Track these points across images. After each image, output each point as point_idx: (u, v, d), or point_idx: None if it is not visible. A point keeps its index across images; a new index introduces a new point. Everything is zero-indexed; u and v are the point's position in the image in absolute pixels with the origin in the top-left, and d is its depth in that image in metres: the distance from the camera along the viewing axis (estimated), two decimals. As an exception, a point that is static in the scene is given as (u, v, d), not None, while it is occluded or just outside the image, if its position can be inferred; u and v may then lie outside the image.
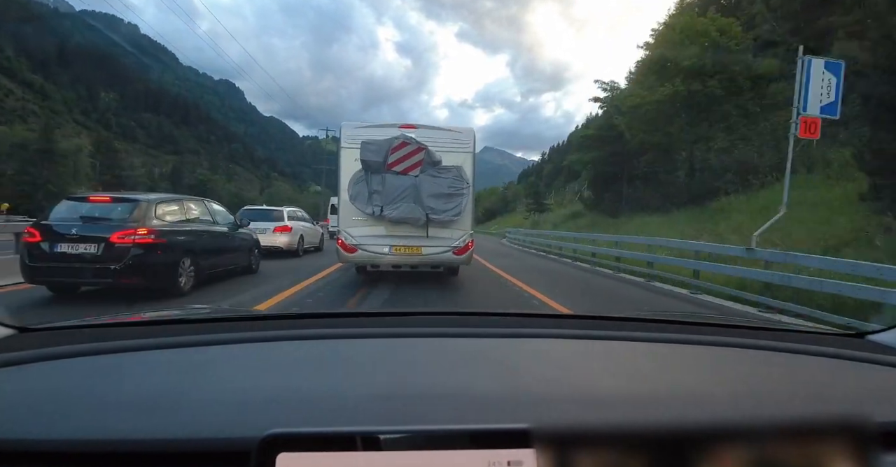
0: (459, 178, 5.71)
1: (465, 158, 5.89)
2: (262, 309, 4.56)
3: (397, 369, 0.69)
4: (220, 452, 0.46)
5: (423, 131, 5.86)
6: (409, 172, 5.62)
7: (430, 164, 5.66)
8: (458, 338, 0.84)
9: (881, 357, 0.76)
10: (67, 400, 0.56)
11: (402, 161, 5.60)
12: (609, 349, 0.81)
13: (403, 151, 5.58)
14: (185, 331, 0.86)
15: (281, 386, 0.61)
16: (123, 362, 0.68)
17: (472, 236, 6.03)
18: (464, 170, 5.76)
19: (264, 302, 5.06)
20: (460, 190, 5.71)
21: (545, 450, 0.37)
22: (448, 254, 5.88)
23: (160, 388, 0.59)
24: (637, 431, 0.39)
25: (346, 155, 5.84)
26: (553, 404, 0.57)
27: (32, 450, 0.47)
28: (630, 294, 7.00)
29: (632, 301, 6.37)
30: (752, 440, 0.37)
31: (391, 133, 5.66)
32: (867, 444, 0.37)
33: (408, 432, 0.43)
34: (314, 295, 5.58)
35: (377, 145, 5.56)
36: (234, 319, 1.02)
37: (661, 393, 0.62)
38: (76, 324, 0.91)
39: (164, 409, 0.53)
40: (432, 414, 0.54)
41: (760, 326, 1.07)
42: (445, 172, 5.70)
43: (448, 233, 5.87)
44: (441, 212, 5.64)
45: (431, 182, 5.64)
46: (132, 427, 0.49)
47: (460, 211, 5.72)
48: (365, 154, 5.54)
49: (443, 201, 5.65)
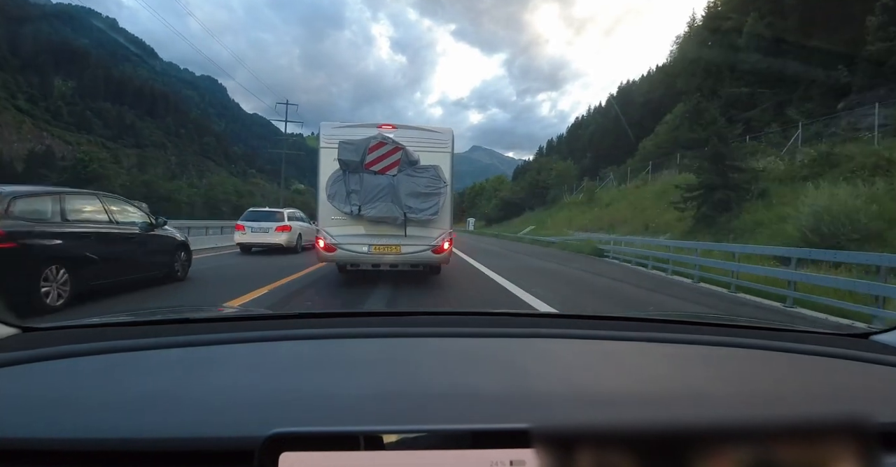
0: (437, 178, 5.81)
1: (443, 158, 6.00)
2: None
3: (399, 369, 0.69)
4: (223, 451, 0.47)
5: (402, 131, 5.95)
6: (386, 172, 5.69)
7: (407, 164, 5.74)
8: (460, 338, 0.84)
9: (884, 357, 0.76)
10: (69, 400, 0.56)
11: (379, 160, 5.66)
12: (610, 349, 0.81)
13: (381, 151, 5.64)
14: (187, 330, 0.86)
15: (283, 385, 0.62)
16: (126, 361, 0.68)
17: (450, 234, 6.15)
18: (441, 169, 5.87)
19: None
20: (437, 189, 5.81)
21: (546, 450, 0.37)
22: (427, 252, 5.97)
23: (162, 387, 0.59)
24: (638, 431, 0.38)
25: (324, 154, 5.87)
26: (554, 404, 0.58)
27: (34, 450, 0.47)
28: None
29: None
30: (753, 440, 0.37)
31: (369, 133, 5.71)
32: (869, 445, 0.37)
33: (410, 432, 0.44)
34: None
35: (355, 145, 5.61)
36: (236, 319, 1.02)
37: (662, 393, 0.62)
38: (78, 323, 0.91)
39: (166, 408, 0.54)
40: (434, 413, 0.55)
41: (763, 326, 1.06)
42: (423, 172, 5.79)
43: (426, 232, 5.97)
44: (419, 211, 5.73)
45: (409, 181, 5.72)
46: (134, 426, 0.49)
47: (438, 210, 5.83)
48: (343, 153, 5.58)
49: (420, 200, 5.75)
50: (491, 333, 0.86)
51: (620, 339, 0.85)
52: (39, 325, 0.81)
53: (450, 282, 6.93)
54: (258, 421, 0.50)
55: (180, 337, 0.78)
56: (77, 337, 0.80)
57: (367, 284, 6.35)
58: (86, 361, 0.67)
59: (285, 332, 0.83)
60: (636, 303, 6.12)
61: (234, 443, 0.47)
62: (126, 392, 0.59)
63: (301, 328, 0.88)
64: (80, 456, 0.47)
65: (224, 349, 0.75)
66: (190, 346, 0.75)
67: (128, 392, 0.59)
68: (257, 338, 0.79)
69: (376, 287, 6.18)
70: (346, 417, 0.53)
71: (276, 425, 0.41)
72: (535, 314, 1.42)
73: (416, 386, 0.62)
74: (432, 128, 6.29)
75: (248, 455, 0.42)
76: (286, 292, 5.69)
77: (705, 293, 7.49)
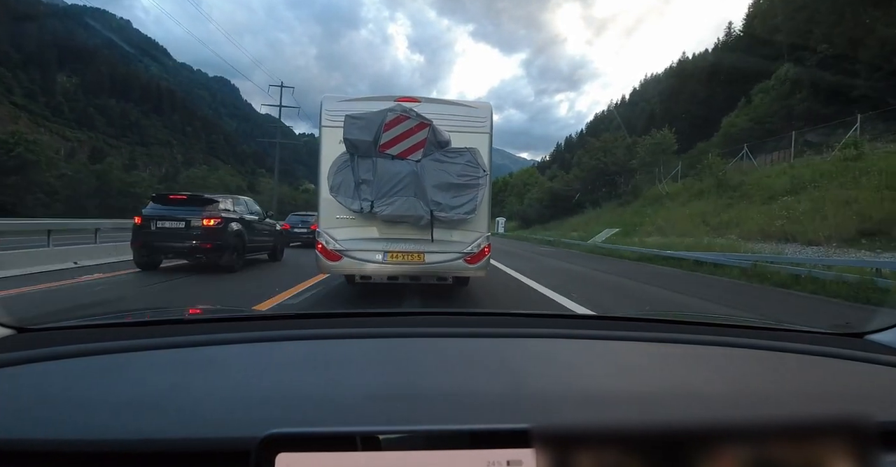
0: (474, 164, 4.34)
1: (480, 140, 4.53)
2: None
3: (397, 369, 0.69)
4: (220, 452, 0.46)
5: (428, 105, 4.49)
6: (408, 156, 4.25)
7: (435, 146, 4.29)
8: (458, 338, 0.84)
9: (881, 357, 0.76)
10: (67, 401, 0.55)
11: (398, 141, 4.21)
12: (609, 349, 0.81)
13: (401, 128, 4.19)
14: (185, 331, 0.85)
15: (281, 385, 0.61)
16: (123, 362, 0.68)
17: (488, 239, 4.69)
18: (479, 153, 4.40)
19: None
20: (475, 179, 4.34)
21: (545, 450, 0.37)
22: (459, 262, 4.52)
23: (160, 388, 0.58)
24: (636, 431, 0.39)
25: (327, 135, 4.44)
26: (552, 404, 0.58)
27: (32, 450, 0.47)
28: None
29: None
30: (752, 439, 0.38)
31: (385, 107, 4.27)
32: (867, 444, 0.37)
33: (407, 432, 0.43)
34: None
35: (366, 120, 4.17)
36: (234, 319, 1.00)
37: (660, 393, 0.62)
38: (76, 324, 0.92)
39: (163, 409, 0.53)
40: (432, 413, 0.55)
41: (760, 326, 1.07)
42: (456, 156, 4.33)
43: (459, 236, 4.51)
44: (450, 209, 4.28)
45: (437, 169, 4.27)
46: (130, 427, 0.49)
47: (475, 206, 4.36)
48: (350, 131, 4.15)
49: (452, 194, 4.29)
50: (490, 333, 0.86)
51: (619, 339, 0.85)
52: (35, 326, 0.80)
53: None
54: (255, 421, 0.50)
55: (176, 337, 0.77)
56: (72, 337, 0.79)
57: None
58: (81, 362, 0.67)
59: (282, 333, 0.83)
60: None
61: (231, 444, 0.47)
62: (122, 392, 0.58)
63: (298, 328, 0.87)
64: (75, 457, 0.47)
65: (221, 349, 0.75)
66: (186, 347, 0.74)
67: (123, 392, 0.58)
68: (254, 338, 0.79)
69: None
70: (343, 418, 0.53)
71: (273, 426, 0.42)
72: (534, 314, 1.29)
73: (414, 386, 0.62)
74: (466, 102, 4.82)
75: (245, 455, 0.42)
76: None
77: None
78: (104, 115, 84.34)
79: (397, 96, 4.55)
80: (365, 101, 4.54)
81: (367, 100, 4.55)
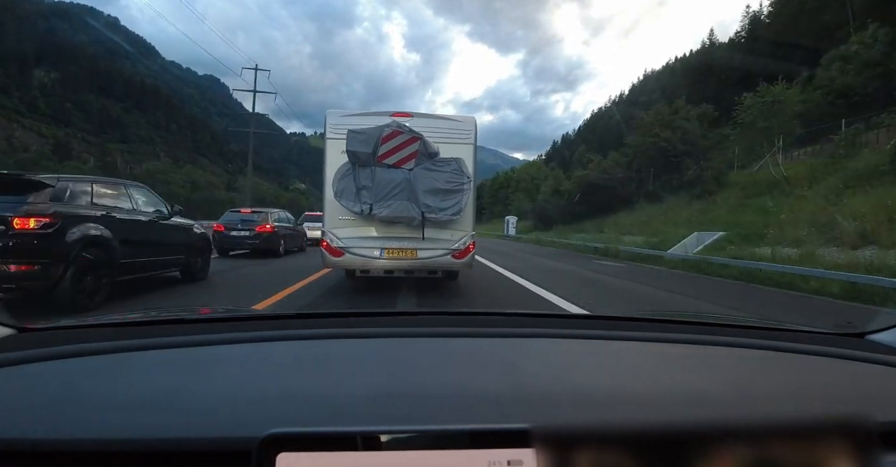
0: (459, 172, 5.08)
1: (465, 150, 5.27)
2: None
3: (397, 369, 0.69)
4: (220, 452, 0.46)
5: (419, 120, 5.21)
6: (402, 165, 4.95)
7: (425, 156, 5.01)
8: (458, 338, 0.84)
9: (881, 357, 0.75)
10: (67, 400, 0.55)
11: (393, 152, 4.91)
12: (609, 349, 0.81)
13: (396, 141, 4.90)
14: (185, 330, 0.85)
15: (281, 385, 0.61)
16: (123, 362, 0.67)
17: (472, 238, 5.44)
18: (464, 162, 5.14)
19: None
20: (460, 185, 5.08)
21: (545, 450, 0.37)
22: (447, 257, 5.25)
23: (160, 388, 0.58)
24: (637, 431, 0.38)
25: (331, 146, 5.13)
26: (553, 404, 0.57)
27: (32, 450, 0.47)
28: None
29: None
30: (752, 440, 0.37)
31: (382, 121, 4.98)
32: (867, 444, 0.37)
33: (408, 432, 0.43)
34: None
35: (366, 134, 4.87)
36: (234, 319, 1.01)
37: (660, 393, 0.62)
38: (76, 323, 0.91)
39: (164, 409, 0.53)
40: (432, 413, 0.54)
41: (760, 326, 1.06)
42: (443, 165, 5.06)
43: (447, 235, 5.25)
44: (438, 211, 5.01)
45: (427, 176, 4.99)
46: (132, 426, 0.49)
47: (460, 209, 5.11)
48: (352, 144, 4.84)
49: (440, 198, 5.02)
50: (489, 333, 0.86)
51: (619, 339, 0.84)
52: (36, 326, 0.80)
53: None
54: (255, 421, 0.50)
55: (177, 337, 0.77)
56: (73, 337, 0.80)
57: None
58: (81, 362, 0.67)
59: (283, 333, 0.82)
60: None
61: (231, 444, 0.47)
62: (122, 392, 0.58)
63: (299, 328, 0.87)
64: (75, 457, 0.47)
65: (221, 349, 0.75)
66: (187, 347, 0.74)
67: (124, 392, 0.58)
68: (255, 338, 0.79)
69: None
70: (344, 417, 0.53)
71: (274, 425, 0.41)
72: (534, 314, 1.37)
73: (414, 386, 0.62)
74: (453, 116, 5.57)
75: (245, 455, 0.42)
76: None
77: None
78: (82, 111, 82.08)
79: (392, 111, 5.26)
80: (363, 115, 5.25)
81: (365, 115, 5.26)
